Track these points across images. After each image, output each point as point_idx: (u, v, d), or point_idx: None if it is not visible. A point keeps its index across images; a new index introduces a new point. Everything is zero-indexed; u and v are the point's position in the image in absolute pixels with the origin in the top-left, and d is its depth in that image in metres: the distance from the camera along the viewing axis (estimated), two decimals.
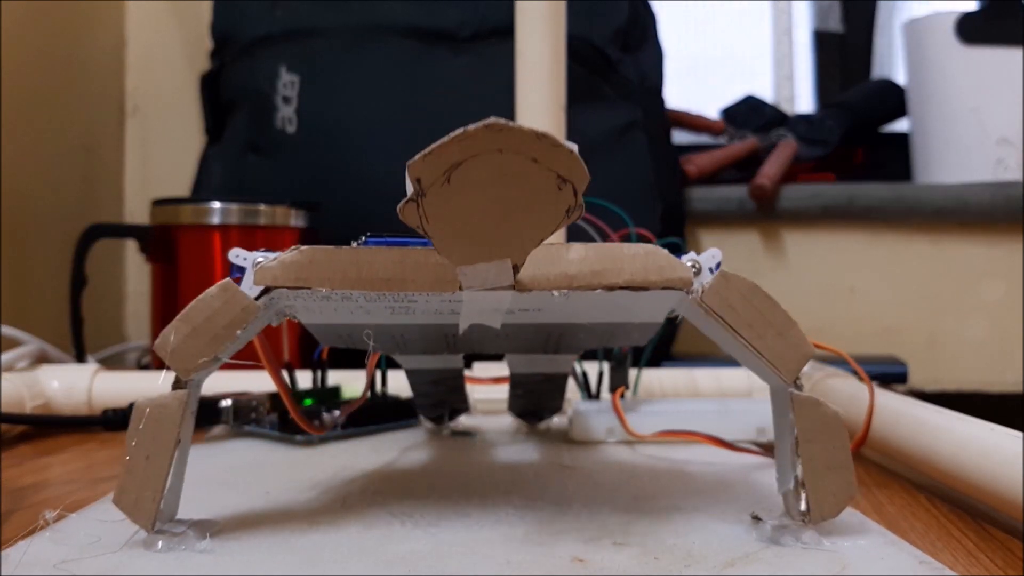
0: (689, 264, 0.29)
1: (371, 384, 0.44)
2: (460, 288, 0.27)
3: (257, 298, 0.29)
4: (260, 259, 0.29)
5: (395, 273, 0.28)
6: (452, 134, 0.22)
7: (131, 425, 0.28)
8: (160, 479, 0.28)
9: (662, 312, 0.31)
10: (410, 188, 0.24)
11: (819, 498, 0.29)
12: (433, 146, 0.23)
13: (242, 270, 0.29)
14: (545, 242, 0.27)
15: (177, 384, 0.29)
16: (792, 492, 0.30)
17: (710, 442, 0.44)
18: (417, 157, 0.23)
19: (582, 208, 0.25)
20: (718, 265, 0.30)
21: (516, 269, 0.27)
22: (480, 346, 0.42)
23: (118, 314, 1.05)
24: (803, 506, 0.29)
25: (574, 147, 0.23)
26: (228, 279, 0.29)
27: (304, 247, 0.28)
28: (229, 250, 0.29)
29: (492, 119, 0.22)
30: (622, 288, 0.28)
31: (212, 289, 0.28)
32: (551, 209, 0.25)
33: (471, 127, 0.22)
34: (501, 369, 0.53)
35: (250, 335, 0.29)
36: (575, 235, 0.61)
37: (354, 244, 0.29)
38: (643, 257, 0.28)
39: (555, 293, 0.28)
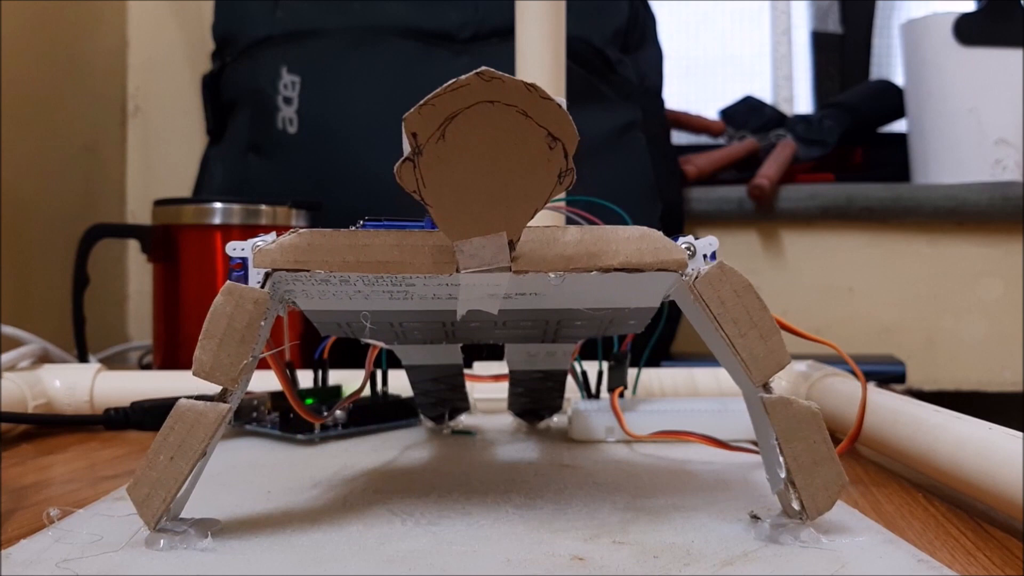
0: (684, 246, 0.29)
1: (371, 376, 0.44)
2: (457, 270, 0.27)
3: (262, 285, 0.29)
4: (259, 243, 0.29)
5: (393, 256, 0.28)
6: (445, 84, 0.23)
7: (167, 422, 0.28)
8: (176, 483, 0.28)
9: (658, 296, 0.32)
10: (407, 147, 0.24)
11: (811, 494, 0.29)
12: (427, 97, 0.23)
13: (241, 266, 0.29)
14: (542, 225, 0.27)
15: (222, 396, 0.29)
16: (784, 492, 0.30)
17: (704, 442, 0.44)
18: (412, 110, 0.23)
19: (573, 173, 0.25)
20: (714, 254, 0.30)
21: (512, 246, 0.27)
22: (479, 335, 0.42)
23: (120, 314, 1.05)
24: (796, 504, 0.30)
25: (563, 101, 0.24)
26: (229, 282, 0.29)
27: (303, 230, 0.28)
28: (227, 244, 0.30)
29: (483, 68, 0.23)
30: (617, 270, 0.28)
31: (218, 298, 0.28)
32: (543, 171, 0.25)
33: (463, 76, 0.23)
34: (501, 368, 0.53)
35: (270, 325, 0.29)
36: None
37: (352, 228, 0.29)
38: (638, 239, 0.28)
39: (551, 275, 0.28)
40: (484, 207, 0.26)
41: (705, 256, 0.30)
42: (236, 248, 0.29)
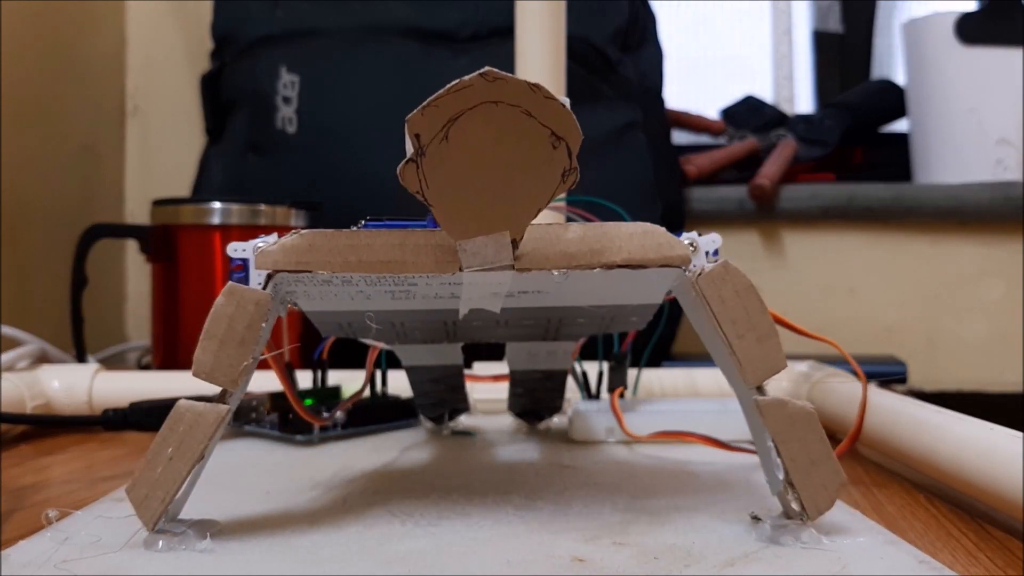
0: (687, 242, 0.29)
1: (371, 378, 0.44)
2: (460, 269, 0.27)
3: (263, 287, 0.29)
4: (260, 244, 0.29)
5: (395, 255, 0.28)
6: (448, 85, 0.23)
7: (167, 422, 0.28)
8: (175, 484, 0.28)
9: (660, 292, 0.31)
10: (410, 148, 0.24)
11: (810, 494, 0.29)
12: (431, 99, 0.23)
13: (243, 268, 0.29)
14: (544, 223, 0.27)
15: (222, 398, 0.28)
16: (783, 493, 0.30)
17: (704, 442, 0.44)
18: (415, 111, 0.23)
19: (577, 172, 0.25)
20: (716, 251, 0.30)
21: (515, 245, 0.27)
22: (480, 334, 0.42)
23: (119, 314, 1.05)
24: (796, 505, 0.29)
25: (567, 101, 0.24)
26: (230, 282, 0.29)
27: (304, 231, 0.28)
28: (228, 246, 0.30)
29: (487, 68, 0.23)
30: (620, 267, 0.28)
31: (220, 298, 0.28)
32: (547, 170, 0.25)
33: (467, 77, 0.23)
34: (501, 368, 0.53)
35: (271, 327, 0.29)
36: None
37: (354, 228, 0.29)
38: (641, 235, 0.28)
39: (554, 273, 0.28)
40: (487, 206, 0.26)
41: (708, 253, 0.30)
42: (237, 249, 0.29)
